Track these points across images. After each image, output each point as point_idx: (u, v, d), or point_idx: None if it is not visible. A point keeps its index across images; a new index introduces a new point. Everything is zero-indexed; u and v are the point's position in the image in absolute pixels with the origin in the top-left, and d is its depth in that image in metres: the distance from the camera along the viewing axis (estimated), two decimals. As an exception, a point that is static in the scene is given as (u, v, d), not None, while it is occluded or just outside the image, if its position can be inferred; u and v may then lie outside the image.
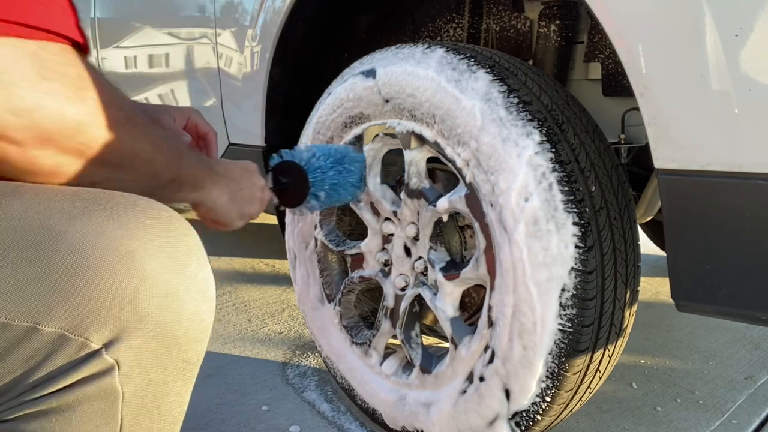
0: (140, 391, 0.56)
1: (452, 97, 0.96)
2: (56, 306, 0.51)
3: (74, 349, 0.52)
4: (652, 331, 1.82)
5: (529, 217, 0.88)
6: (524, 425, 0.97)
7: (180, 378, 0.59)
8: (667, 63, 0.77)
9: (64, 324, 0.51)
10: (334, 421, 1.33)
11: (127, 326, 0.53)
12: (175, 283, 0.55)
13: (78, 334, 0.52)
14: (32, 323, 0.51)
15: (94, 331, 0.52)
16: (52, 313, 0.51)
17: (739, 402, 1.43)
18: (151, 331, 0.54)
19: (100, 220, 0.54)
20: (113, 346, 0.53)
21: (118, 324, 0.53)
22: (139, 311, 0.53)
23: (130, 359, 0.54)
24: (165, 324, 0.55)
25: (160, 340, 0.55)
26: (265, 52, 1.47)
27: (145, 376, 0.56)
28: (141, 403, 0.56)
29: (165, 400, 0.58)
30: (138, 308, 0.53)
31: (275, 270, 2.40)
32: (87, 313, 0.52)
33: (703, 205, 0.78)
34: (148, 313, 0.54)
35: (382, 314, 1.21)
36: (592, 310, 0.89)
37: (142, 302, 0.53)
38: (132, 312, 0.53)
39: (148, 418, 0.58)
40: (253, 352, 1.66)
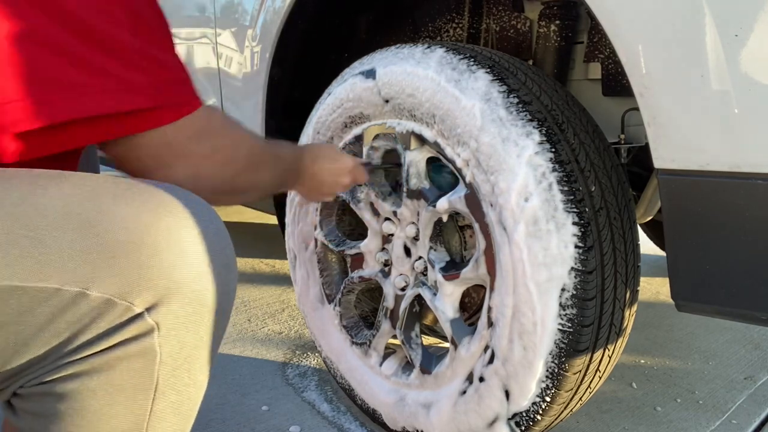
0: (175, 352, 0.61)
1: (452, 97, 0.96)
2: (104, 274, 0.56)
3: (119, 312, 0.57)
4: (652, 331, 1.82)
5: (529, 217, 0.88)
6: (524, 425, 0.97)
7: (208, 345, 0.64)
8: (667, 63, 0.77)
9: (111, 290, 0.56)
10: (334, 421, 1.33)
11: (167, 293, 0.58)
12: (208, 258, 0.61)
13: (123, 299, 0.57)
14: (82, 289, 0.55)
15: (137, 296, 0.57)
16: (101, 280, 0.56)
17: (739, 402, 1.43)
18: (187, 298, 0.59)
19: (141, 200, 0.60)
20: (154, 310, 0.58)
21: (158, 290, 0.58)
22: (178, 279, 0.59)
23: (168, 322, 0.59)
24: (199, 292, 0.60)
25: (194, 306, 0.60)
26: (265, 52, 1.47)
27: (180, 338, 0.60)
28: (175, 364, 0.61)
29: (194, 364, 0.63)
30: (176, 276, 0.59)
31: (275, 270, 2.40)
32: (131, 281, 0.57)
33: (703, 205, 0.78)
34: (185, 281, 0.59)
35: (381, 314, 1.21)
36: (592, 310, 0.89)
37: (180, 272, 0.59)
38: (171, 280, 0.58)
39: (179, 380, 0.62)
40: (253, 352, 1.66)
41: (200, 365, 0.64)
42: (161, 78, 0.66)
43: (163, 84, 0.66)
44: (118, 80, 0.61)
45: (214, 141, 0.73)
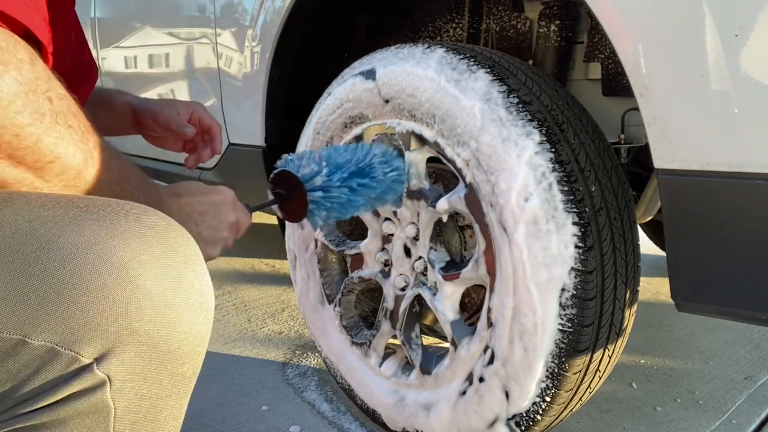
0: (133, 406, 0.54)
1: (452, 97, 0.96)
2: (46, 318, 0.49)
3: (64, 363, 0.51)
4: (652, 331, 1.82)
5: (529, 217, 0.88)
6: (524, 425, 0.97)
7: (175, 392, 0.57)
8: (667, 63, 0.77)
9: (54, 337, 0.50)
10: (334, 421, 1.33)
11: (119, 340, 0.51)
12: (170, 295, 0.54)
13: (68, 348, 0.50)
14: (21, 336, 0.49)
15: (85, 345, 0.51)
16: (42, 325, 0.49)
17: (739, 402, 1.43)
18: (144, 345, 0.53)
19: (92, 229, 0.52)
20: (104, 361, 0.52)
21: (109, 338, 0.51)
22: (131, 325, 0.52)
23: (122, 374, 0.52)
24: (159, 338, 0.53)
25: (153, 354, 0.53)
26: (265, 52, 1.47)
27: (138, 391, 0.54)
28: (134, 418, 0.55)
29: (159, 415, 0.57)
30: (130, 322, 0.51)
31: (275, 270, 2.40)
32: (77, 327, 0.50)
33: (702, 205, 0.78)
34: (140, 326, 0.52)
35: (381, 315, 1.21)
36: (592, 310, 0.89)
37: (135, 316, 0.52)
38: (124, 326, 0.51)
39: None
40: (253, 352, 1.66)
41: (167, 414, 0.57)
42: None
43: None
44: None
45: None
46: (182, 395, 0.58)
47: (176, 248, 0.55)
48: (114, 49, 2.27)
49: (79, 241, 0.51)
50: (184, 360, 0.56)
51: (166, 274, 0.54)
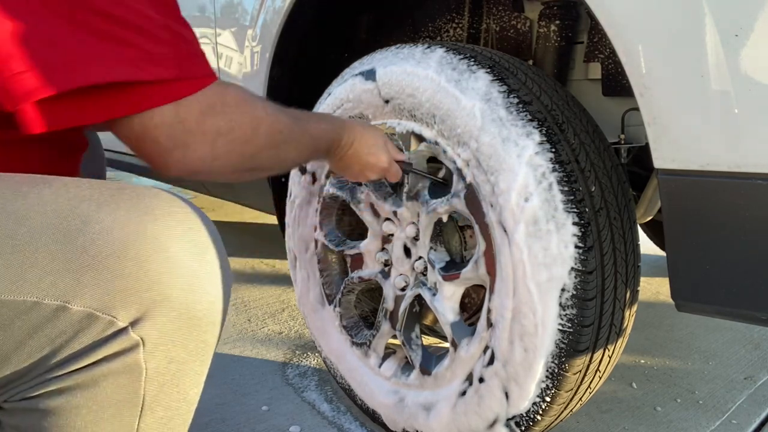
0: (162, 368, 0.58)
1: (452, 97, 0.96)
2: (85, 286, 0.53)
3: (102, 326, 0.55)
4: (652, 331, 1.82)
5: (529, 217, 0.88)
6: (524, 425, 0.96)
7: (198, 358, 0.61)
8: (667, 63, 0.77)
9: (93, 303, 0.54)
10: (334, 421, 1.33)
11: (152, 306, 0.56)
12: (197, 267, 0.58)
13: (106, 313, 0.54)
14: (62, 302, 0.53)
15: (121, 310, 0.55)
16: (81, 293, 0.53)
17: (739, 402, 1.43)
18: (174, 311, 0.57)
19: (126, 207, 0.56)
20: (139, 325, 0.56)
21: (143, 303, 0.55)
22: (164, 292, 0.56)
23: (154, 337, 0.56)
24: (187, 305, 0.57)
25: (182, 320, 0.58)
26: (265, 52, 1.47)
27: (168, 353, 0.58)
28: (162, 380, 0.59)
29: (184, 379, 0.61)
30: (162, 289, 0.56)
31: (275, 270, 2.40)
32: (114, 293, 0.54)
33: (703, 205, 0.78)
34: (171, 293, 0.56)
35: (381, 315, 1.21)
36: (592, 310, 0.89)
37: (167, 284, 0.56)
38: (157, 292, 0.56)
39: (167, 395, 0.60)
40: (253, 352, 1.66)
41: (190, 380, 0.62)
42: (182, 50, 0.62)
43: (184, 56, 0.62)
44: (137, 50, 0.58)
45: (231, 116, 0.67)
46: (204, 362, 0.63)
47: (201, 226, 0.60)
48: (114, 49, 2.27)
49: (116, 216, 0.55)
50: (207, 328, 0.60)
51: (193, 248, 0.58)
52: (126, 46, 0.57)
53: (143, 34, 0.58)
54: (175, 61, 0.61)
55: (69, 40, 0.55)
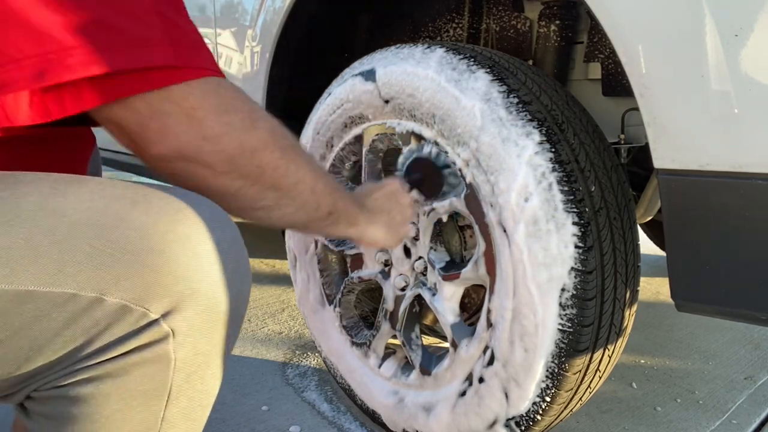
0: (189, 359, 0.60)
1: (452, 97, 0.96)
2: (120, 280, 0.56)
3: (135, 318, 0.57)
4: (652, 331, 1.82)
5: (529, 217, 0.88)
6: (524, 425, 0.96)
7: (221, 351, 0.64)
8: (667, 63, 0.77)
9: (127, 296, 0.56)
10: (334, 421, 1.33)
11: (182, 299, 0.58)
12: (222, 265, 0.61)
13: (139, 305, 0.57)
14: (98, 294, 0.55)
15: (154, 302, 0.57)
16: (117, 285, 0.56)
17: (739, 402, 1.43)
18: (202, 305, 0.59)
19: (159, 206, 0.59)
20: (170, 316, 0.58)
21: (174, 297, 0.58)
22: (193, 286, 0.58)
23: (184, 329, 0.59)
24: (214, 299, 0.60)
25: (209, 313, 0.60)
26: (265, 52, 1.47)
27: (195, 345, 0.60)
28: (189, 371, 0.61)
29: (207, 371, 0.63)
30: (191, 284, 0.58)
31: (275, 270, 2.40)
32: (147, 287, 0.56)
33: (703, 205, 0.78)
34: (200, 288, 0.59)
35: (381, 315, 1.21)
36: (592, 310, 0.89)
37: (195, 279, 0.58)
38: (186, 287, 0.58)
39: (192, 386, 0.62)
40: (253, 352, 1.66)
41: (213, 372, 0.64)
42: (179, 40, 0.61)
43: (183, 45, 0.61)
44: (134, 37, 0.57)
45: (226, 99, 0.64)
46: (225, 355, 0.65)
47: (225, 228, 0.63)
48: (114, 49, 2.27)
49: (149, 215, 0.58)
50: (231, 322, 0.63)
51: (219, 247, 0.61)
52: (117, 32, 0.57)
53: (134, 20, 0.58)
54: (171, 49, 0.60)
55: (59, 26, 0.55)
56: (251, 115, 0.67)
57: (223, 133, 0.63)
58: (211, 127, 0.62)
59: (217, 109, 0.63)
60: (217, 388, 0.67)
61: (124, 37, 0.57)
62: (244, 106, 0.66)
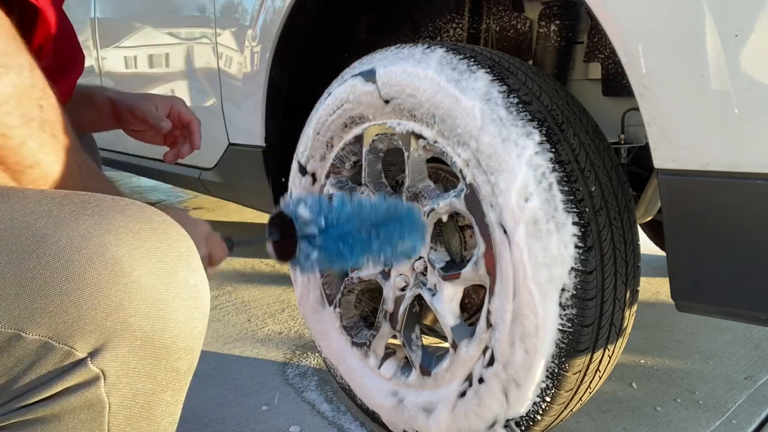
0: (128, 401, 0.54)
1: (452, 97, 0.96)
2: (40, 313, 0.50)
3: (59, 357, 0.51)
4: (652, 331, 1.82)
5: (529, 217, 0.88)
6: (524, 425, 0.96)
7: (170, 388, 0.57)
8: (667, 63, 0.77)
9: (49, 331, 0.50)
10: (334, 421, 1.33)
11: (113, 335, 0.52)
12: (164, 290, 0.54)
13: (63, 342, 0.51)
14: (16, 330, 0.50)
15: (79, 340, 0.51)
16: (37, 319, 0.50)
17: (739, 402, 1.43)
18: (138, 340, 0.53)
19: (87, 224, 0.52)
20: (99, 355, 0.52)
21: (103, 332, 0.51)
22: (125, 319, 0.52)
23: (116, 369, 0.53)
24: (153, 332, 0.53)
25: (147, 349, 0.53)
26: (265, 52, 1.47)
27: (133, 386, 0.54)
28: (129, 413, 0.55)
29: (154, 410, 0.57)
30: (124, 316, 0.52)
31: (275, 270, 2.40)
32: (71, 321, 0.50)
33: (703, 205, 0.78)
34: (134, 321, 0.52)
35: (381, 316, 1.21)
36: (592, 310, 0.89)
37: (129, 310, 0.52)
38: (118, 320, 0.51)
39: (136, 429, 0.56)
40: (253, 352, 1.66)
41: (162, 410, 0.58)
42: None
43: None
44: None
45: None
46: (177, 391, 0.59)
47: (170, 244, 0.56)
48: (114, 49, 2.27)
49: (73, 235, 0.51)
50: (179, 355, 0.56)
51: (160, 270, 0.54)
52: None
53: None
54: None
55: None
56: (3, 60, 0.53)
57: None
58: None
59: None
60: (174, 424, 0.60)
61: None
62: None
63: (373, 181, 1.19)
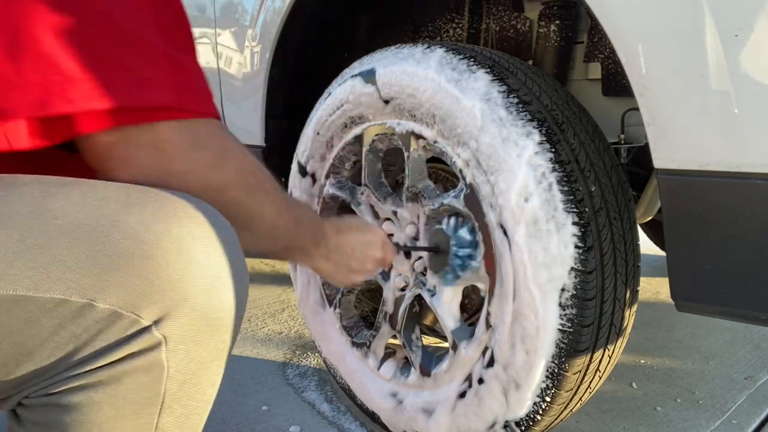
0: (183, 367, 0.59)
1: (452, 97, 0.96)
2: (111, 285, 0.54)
3: (126, 324, 0.56)
4: (652, 331, 1.82)
5: (529, 217, 0.88)
6: (524, 425, 0.96)
7: (217, 358, 0.62)
8: (667, 63, 0.77)
9: (118, 301, 0.55)
10: (334, 421, 1.33)
11: (175, 305, 0.57)
12: (218, 269, 0.59)
13: (130, 311, 0.55)
14: (88, 300, 0.54)
15: (145, 309, 0.56)
16: (107, 291, 0.54)
17: (739, 402, 1.43)
18: (196, 311, 0.58)
19: (153, 209, 0.58)
20: (162, 323, 0.57)
21: (166, 303, 0.56)
22: (186, 292, 0.57)
23: (176, 336, 0.58)
24: (209, 305, 0.59)
25: (203, 320, 0.59)
26: (265, 52, 1.47)
27: (188, 352, 0.59)
28: (183, 378, 0.60)
29: (202, 378, 0.62)
30: (185, 290, 0.57)
31: (275, 270, 2.40)
32: (139, 292, 0.55)
33: (702, 205, 0.78)
34: (194, 294, 0.57)
35: (381, 317, 1.21)
36: (592, 310, 0.89)
37: (189, 284, 0.57)
38: (180, 292, 0.57)
39: (186, 394, 0.61)
40: (253, 352, 1.66)
41: (208, 379, 0.63)
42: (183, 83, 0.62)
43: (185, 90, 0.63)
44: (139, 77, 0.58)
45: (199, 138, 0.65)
46: (222, 362, 0.64)
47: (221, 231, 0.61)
48: (114, 49, 2.27)
49: (142, 218, 0.57)
50: (227, 329, 0.61)
51: (214, 251, 0.60)
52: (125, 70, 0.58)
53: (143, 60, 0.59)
54: (173, 91, 0.61)
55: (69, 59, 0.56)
56: (222, 153, 0.67)
57: (188, 170, 0.64)
58: (177, 162, 0.63)
59: (188, 146, 0.63)
60: (214, 395, 0.65)
61: (129, 75, 0.58)
62: (216, 144, 0.66)
63: (373, 181, 1.19)
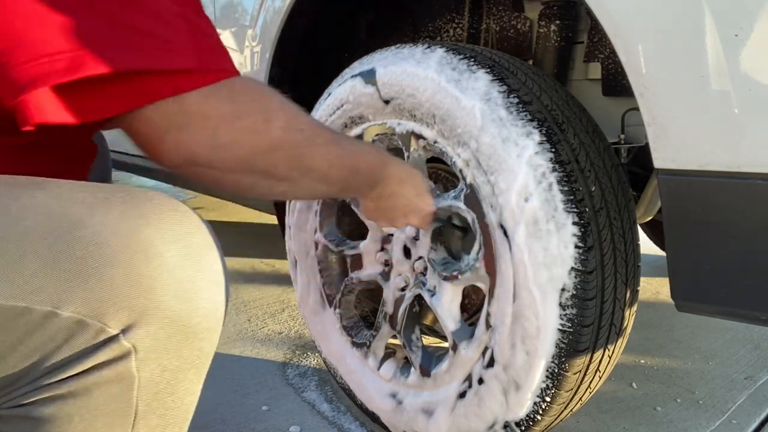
0: (155, 376, 0.57)
1: (452, 97, 0.96)
2: (75, 292, 0.52)
3: (92, 334, 0.53)
4: (652, 331, 1.82)
5: (529, 217, 0.88)
6: (524, 426, 0.96)
7: (194, 366, 0.60)
8: (667, 63, 0.77)
9: (83, 309, 0.52)
10: (334, 421, 1.33)
11: (145, 313, 0.54)
12: (192, 272, 0.57)
13: (96, 320, 0.53)
14: (52, 308, 0.52)
15: (112, 317, 0.53)
16: (72, 298, 0.52)
17: (739, 402, 1.43)
18: (167, 318, 0.55)
19: (120, 210, 0.55)
20: (130, 332, 0.54)
21: (135, 310, 0.54)
22: (157, 298, 0.54)
23: (146, 345, 0.55)
24: (181, 312, 0.56)
25: (176, 327, 0.56)
26: (265, 52, 1.47)
27: (161, 362, 0.57)
28: (156, 389, 0.58)
29: (179, 387, 0.59)
30: (155, 295, 0.54)
31: (275, 270, 2.40)
32: (105, 299, 0.53)
33: (702, 205, 0.78)
34: (165, 300, 0.55)
35: (381, 317, 1.21)
36: (592, 310, 0.89)
37: (160, 290, 0.54)
38: (149, 299, 0.54)
39: (162, 404, 0.59)
40: (253, 352, 1.66)
41: (185, 388, 0.60)
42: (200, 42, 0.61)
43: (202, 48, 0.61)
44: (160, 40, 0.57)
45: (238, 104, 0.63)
46: (200, 370, 0.61)
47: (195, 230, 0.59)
48: (114, 49, 2.27)
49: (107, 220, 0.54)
50: (203, 335, 0.59)
51: (187, 254, 0.57)
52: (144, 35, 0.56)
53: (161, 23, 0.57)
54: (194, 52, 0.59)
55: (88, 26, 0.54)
56: (264, 115, 0.65)
57: (233, 140, 0.62)
58: (222, 135, 0.61)
59: (230, 117, 0.62)
60: (193, 403, 0.63)
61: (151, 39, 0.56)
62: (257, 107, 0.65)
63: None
